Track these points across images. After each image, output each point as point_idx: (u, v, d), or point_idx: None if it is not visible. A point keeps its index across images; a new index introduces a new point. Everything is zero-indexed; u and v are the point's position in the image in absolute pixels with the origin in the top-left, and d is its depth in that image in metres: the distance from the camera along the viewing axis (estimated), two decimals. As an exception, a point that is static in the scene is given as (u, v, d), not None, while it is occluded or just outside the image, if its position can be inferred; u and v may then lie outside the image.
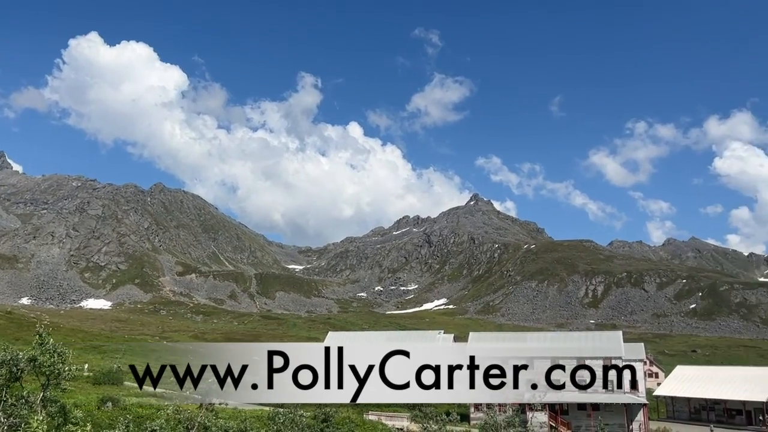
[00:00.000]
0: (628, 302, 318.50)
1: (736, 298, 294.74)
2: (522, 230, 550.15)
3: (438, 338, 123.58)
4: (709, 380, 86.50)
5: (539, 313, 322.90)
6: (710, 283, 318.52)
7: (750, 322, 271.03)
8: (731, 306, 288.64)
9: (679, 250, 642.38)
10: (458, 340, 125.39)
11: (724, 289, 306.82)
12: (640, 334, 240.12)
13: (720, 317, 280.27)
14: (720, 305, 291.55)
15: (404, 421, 58.68)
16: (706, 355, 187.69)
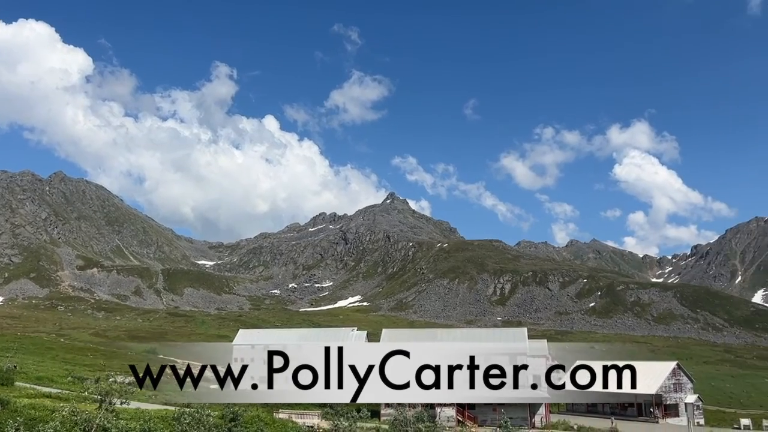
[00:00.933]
0: (533, 300, 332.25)
1: (631, 297, 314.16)
2: (436, 229, 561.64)
3: (351, 336, 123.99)
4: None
5: (450, 310, 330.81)
6: (608, 283, 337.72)
7: (643, 319, 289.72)
8: (626, 304, 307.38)
9: (581, 251, 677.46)
10: (371, 338, 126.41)
11: (621, 288, 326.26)
12: (543, 330, 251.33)
13: (616, 315, 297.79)
14: (616, 304, 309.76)
15: (315, 419, 58.39)
16: (602, 351, 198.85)
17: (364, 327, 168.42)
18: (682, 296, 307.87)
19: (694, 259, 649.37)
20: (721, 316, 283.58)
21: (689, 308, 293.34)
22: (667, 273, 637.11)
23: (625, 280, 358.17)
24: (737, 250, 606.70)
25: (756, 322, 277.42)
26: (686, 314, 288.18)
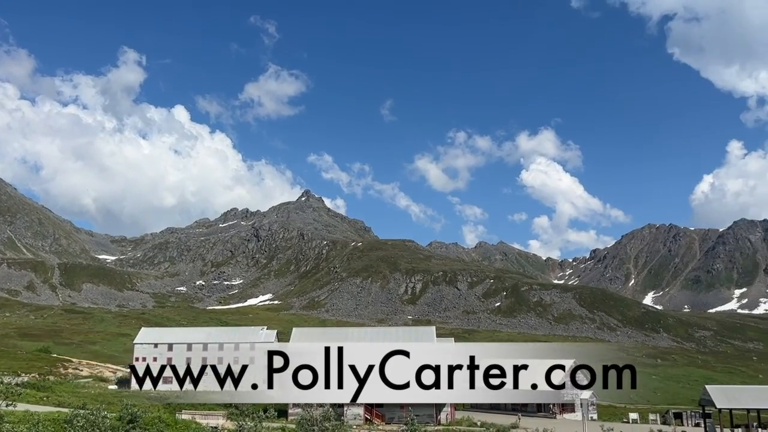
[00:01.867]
0: (442, 299, 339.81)
1: (534, 297, 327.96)
2: (350, 228, 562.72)
3: (261, 334, 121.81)
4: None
5: (362, 309, 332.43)
6: (513, 283, 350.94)
7: (544, 319, 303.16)
8: (530, 304, 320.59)
9: (489, 252, 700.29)
10: (281, 336, 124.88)
11: (525, 289, 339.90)
12: (451, 329, 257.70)
13: (520, 314, 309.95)
14: (520, 304, 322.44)
15: (219, 419, 56.88)
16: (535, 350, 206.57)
17: (275, 326, 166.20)
18: (580, 297, 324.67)
19: (592, 262, 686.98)
20: (616, 317, 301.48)
21: (587, 309, 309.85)
22: (568, 275, 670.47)
23: (529, 281, 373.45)
24: (631, 255, 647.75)
25: (646, 322, 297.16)
26: (584, 314, 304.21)
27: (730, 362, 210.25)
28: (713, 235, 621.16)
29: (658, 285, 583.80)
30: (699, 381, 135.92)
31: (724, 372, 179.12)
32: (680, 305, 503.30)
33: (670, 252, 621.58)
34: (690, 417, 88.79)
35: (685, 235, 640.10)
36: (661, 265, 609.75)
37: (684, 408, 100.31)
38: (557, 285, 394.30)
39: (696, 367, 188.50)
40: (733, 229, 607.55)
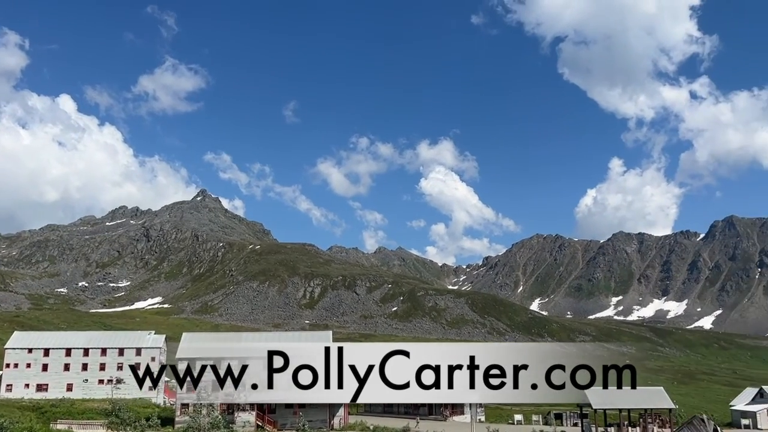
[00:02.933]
0: (341, 304, 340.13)
1: (429, 302, 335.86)
2: (248, 230, 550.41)
3: (147, 339, 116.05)
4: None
5: (258, 314, 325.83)
6: (410, 288, 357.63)
7: (438, 323, 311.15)
8: (425, 309, 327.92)
9: (388, 258, 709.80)
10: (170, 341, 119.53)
11: (421, 294, 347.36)
12: (348, 333, 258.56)
13: (415, 319, 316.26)
14: (416, 308, 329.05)
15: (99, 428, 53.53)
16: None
17: (164, 330, 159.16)
18: (473, 303, 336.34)
19: (485, 269, 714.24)
20: (505, 322, 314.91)
21: (478, 314, 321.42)
22: (462, 281, 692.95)
23: (425, 287, 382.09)
24: (521, 263, 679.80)
25: (532, 327, 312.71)
26: (476, 319, 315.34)
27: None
28: (594, 246, 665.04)
29: (544, 292, 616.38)
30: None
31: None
32: (564, 311, 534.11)
33: (555, 261, 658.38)
34: (569, 417, 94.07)
35: (569, 245, 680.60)
36: (547, 273, 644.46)
37: (564, 409, 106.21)
38: (451, 290, 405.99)
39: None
40: (612, 241, 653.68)
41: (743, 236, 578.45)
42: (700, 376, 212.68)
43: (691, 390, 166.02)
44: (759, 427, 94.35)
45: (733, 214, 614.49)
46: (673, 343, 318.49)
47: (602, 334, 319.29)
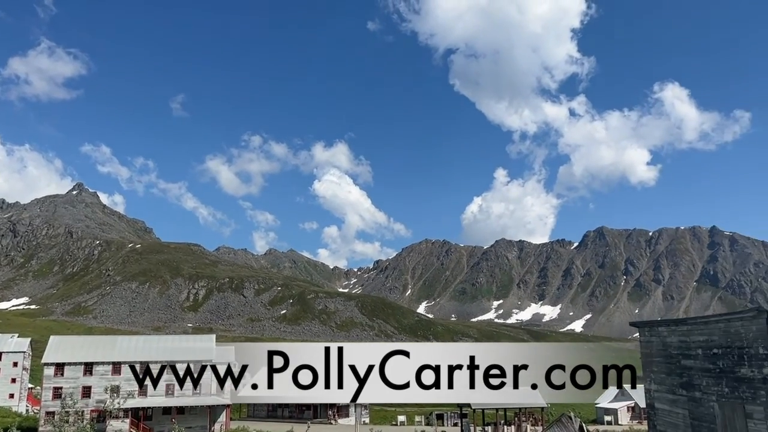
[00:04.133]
0: (227, 306, 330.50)
1: (319, 305, 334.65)
2: (129, 228, 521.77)
3: (10, 342, 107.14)
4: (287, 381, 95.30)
5: (137, 316, 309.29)
6: (300, 291, 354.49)
7: (328, 326, 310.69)
8: (315, 312, 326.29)
9: (279, 260, 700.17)
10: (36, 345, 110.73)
11: (311, 297, 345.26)
12: (234, 337, 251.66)
13: (305, 322, 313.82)
14: (306, 311, 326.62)
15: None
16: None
17: (30, 333, 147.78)
18: (362, 305, 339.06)
19: (375, 272, 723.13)
20: (393, 324, 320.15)
21: (368, 316, 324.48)
22: (353, 284, 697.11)
23: (316, 290, 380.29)
24: (409, 267, 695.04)
25: (418, 329, 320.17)
26: (365, 322, 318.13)
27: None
28: (479, 252, 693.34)
29: (431, 295, 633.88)
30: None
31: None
32: (449, 314, 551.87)
33: (442, 265, 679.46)
34: (450, 417, 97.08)
35: (455, 250, 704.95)
36: (434, 277, 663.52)
37: (446, 409, 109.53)
38: (342, 293, 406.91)
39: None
40: (495, 248, 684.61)
41: (612, 246, 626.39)
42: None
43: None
44: (620, 423, 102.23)
45: (604, 225, 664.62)
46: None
47: (483, 336, 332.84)
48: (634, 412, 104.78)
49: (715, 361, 25.56)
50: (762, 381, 22.58)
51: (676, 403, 28.91)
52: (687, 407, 27.88)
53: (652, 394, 31.45)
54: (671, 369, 29.35)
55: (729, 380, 24.61)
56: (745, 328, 23.66)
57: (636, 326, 33.37)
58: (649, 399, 31.82)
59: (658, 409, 30.76)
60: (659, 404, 30.68)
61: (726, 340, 24.79)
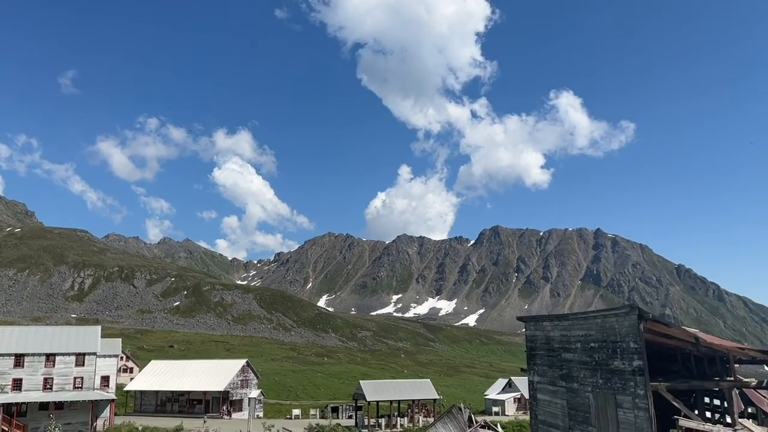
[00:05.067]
0: (115, 297, 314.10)
1: (216, 297, 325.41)
2: (7, 210, 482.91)
3: None
4: (177, 374, 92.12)
5: (13, 305, 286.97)
6: (196, 282, 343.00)
7: (224, 319, 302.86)
8: (210, 304, 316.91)
9: (173, 249, 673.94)
10: None
11: (207, 289, 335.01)
12: (122, 329, 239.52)
13: (199, 314, 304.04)
14: (201, 303, 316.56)
15: None
16: (181, 350, 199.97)
17: None
18: (261, 298, 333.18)
19: (276, 264, 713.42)
20: (292, 318, 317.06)
21: (266, 310, 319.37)
22: (252, 276, 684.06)
23: (212, 281, 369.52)
24: (311, 260, 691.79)
25: (318, 323, 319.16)
26: (263, 315, 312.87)
27: (383, 359, 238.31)
28: (380, 247, 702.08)
29: (332, 288, 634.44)
30: (357, 377, 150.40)
31: (378, 368, 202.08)
32: (349, 308, 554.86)
33: (345, 259, 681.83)
34: (345, 410, 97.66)
35: (358, 244, 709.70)
36: (336, 270, 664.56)
37: (342, 402, 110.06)
38: (240, 286, 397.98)
39: (356, 365, 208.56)
40: (396, 243, 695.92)
41: (505, 244, 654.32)
42: (463, 368, 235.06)
43: (455, 381, 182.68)
44: (507, 413, 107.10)
45: (499, 225, 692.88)
46: (442, 339, 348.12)
47: (382, 330, 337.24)
48: (520, 403, 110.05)
49: (592, 354, 27.32)
50: (631, 373, 24.40)
51: (556, 394, 30.64)
52: (566, 398, 29.63)
53: (534, 385, 33.15)
54: (553, 362, 31.07)
55: (603, 372, 26.40)
56: (618, 324, 25.46)
57: (523, 321, 35.03)
58: (531, 390, 33.53)
59: (540, 400, 32.48)
60: (541, 395, 32.40)
61: (602, 334, 26.57)
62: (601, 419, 26.43)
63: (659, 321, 25.84)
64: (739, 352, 29.35)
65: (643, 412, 23.67)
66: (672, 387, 26.50)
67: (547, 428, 31.55)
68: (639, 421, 23.87)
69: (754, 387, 29.01)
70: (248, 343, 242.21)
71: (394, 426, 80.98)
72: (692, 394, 32.95)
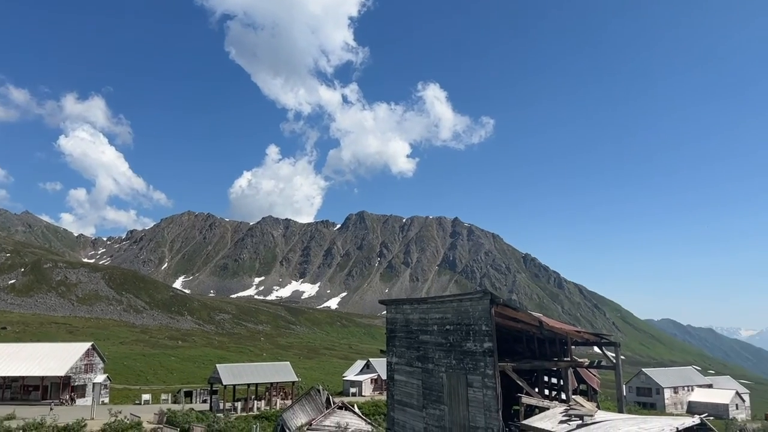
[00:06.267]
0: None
1: (58, 275, 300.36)
2: None
3: None
4: (9, 358, 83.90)
5: None
6: (35, 259, 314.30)
7: (67, 299, 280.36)
8: (52, 283, 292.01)
9: (9, 222, 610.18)
10: None
11: (48, 266, 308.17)
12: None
13: (38, 294, 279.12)
14: (41, 282, 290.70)
15: None
16: (16, 332, 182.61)
17: None
18: (110, 278, 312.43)
19: (128, 243, 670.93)
20: (144, 299, 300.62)
21: (115, 290, 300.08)
22: (100, 254, 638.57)
23: (55, 258, 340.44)
24: (168, 239, 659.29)
25: (173, 305, 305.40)
26: (111, 296, 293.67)
27: (242, 343, 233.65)
28: (244, 228, 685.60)
29: (189, 270, 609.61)
30: (213, 361, 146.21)
31: (236, 351, 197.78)
32: (207, 290, 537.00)
33: (205, 239, 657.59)
34: (199, 394, 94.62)
35: (220, 224, 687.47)
36: (195, 251, 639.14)
37: (196, 387, 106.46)
38: (86, 264, 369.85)
39: (213, 348, 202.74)
40: (261, 224, 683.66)
41: (370, 230, 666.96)
42: (323, 351, 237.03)
43: (315, 364, 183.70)
44: (364, 393, 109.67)
45: (365, 210, 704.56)
46: (303, 322, 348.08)
47: (242, 313, 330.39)
48: (376, 384, 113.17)
49: (447, 336, 28.56)
50: (482, 354, 25.82)
51: (412, 375, 31.73)
52: (421, 378, 30.78)
53: (393, 366, 34.09)
54: (411, 343, 32.11)
55: (456, 353, 27.70)
56: (472, 308, 26.79)
57: (384, 304, 35.81)
58: (390, 371, 34.46)
59: (397, 380, 33.48)
60: (398, 376, 33.39)
61: (457, 318, 27.83)
62: (453, 398, 27.75)
63: (509, 306, 27.53)
64: (575, 335, 32.15)
65: (491, 390, 25.14)
66: (517, 367, 28.43)
67: (402, 407, 32.61)
68: (487, 399, 25.34)
69: (587, 366, 31.94)
70: (94, 325, 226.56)
71: (250, 409, 79.85)
72: (534, 373, 35.61)
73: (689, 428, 20.04)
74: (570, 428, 22.13)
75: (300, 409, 49.20)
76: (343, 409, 49.08)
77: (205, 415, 69.75)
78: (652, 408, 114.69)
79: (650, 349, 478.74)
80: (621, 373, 30.68)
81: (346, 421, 47.03)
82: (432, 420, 29.47)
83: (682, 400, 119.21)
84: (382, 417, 65.40)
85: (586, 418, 22.90)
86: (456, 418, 27.42)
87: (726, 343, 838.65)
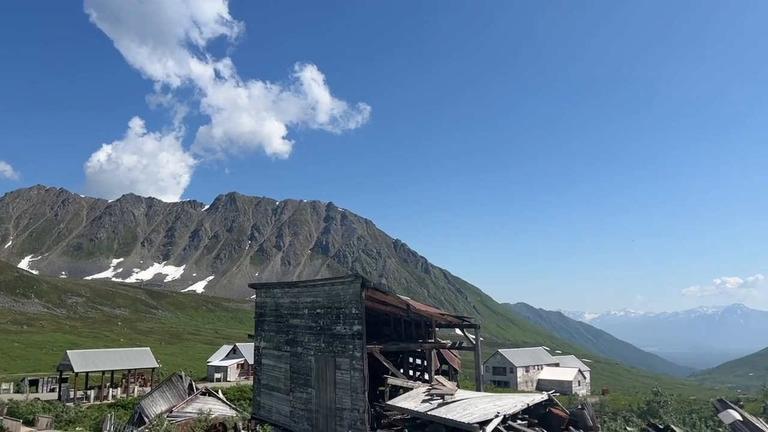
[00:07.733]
0: None
1: None
2: None
3: None
4: None
5: None
6: None
7: None
8: None
9: None
10: None
11: None
12: None
13: None
14: None
15: None
16: None
17: None
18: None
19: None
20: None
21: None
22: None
23: None
24: (14, 215, 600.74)
25: (18, 286, 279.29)
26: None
27: (97, 327, 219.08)
28: (102, 205, 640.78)
29: (38, 249, 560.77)
30: (63, 347, 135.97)
31: (90, 337, 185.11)
32: (58, 271, 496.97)
33: (56, 216, 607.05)
34: (47, 383, 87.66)
35: (75, 201, 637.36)
36: (45, 228, 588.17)
37: (43, 375, 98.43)
38: None
39: (63, 333, 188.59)
40: (121, 202, 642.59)
41: (241, 211, 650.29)
42: (187, 336, 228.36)
43: (177, 350, 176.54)
44: (229, 379, 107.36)
45: (236, 191, 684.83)
46: (166, 306, 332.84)
47: (97, 296, 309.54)
48: (243, 369, 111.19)
49: (317, 320, 28.62)
50: (351, 337, 26.17)
51: (280, 359, 31.50)
52: (289, 361, 30.65)
53: (260, 350, 33.63)
54: (280, 327, 31.83)
55: (326, 336, 27.85)
56: (344, 292, 27.03)
57: (254, 288, 35.13)
58: (257, 355, 33.96)
59: (265, 365, 33.08)
60: (266, 360, 33.00)
61: (328, 301, 27.96)
62: (320, 380, 27.91)
63: (379, 289, 28.07)
64: (439, 318, 33.53)
65: (358, 372, 25.57)
66: (384, 349, 29.15)
67: (269, 392, 32.29)
68: (354, 380, 25.74)
69: (449, 348, 33.46)
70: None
71: (105, 397, 75.38)
72: (400, 354, 36.72)
73: (539, 404, 21.66)
74: (431, 407, 23.07)
75: (160, 396, 47.17)
76: (206, 395, 47.79)
77: (53, 404, 64.89)
78: (506, 386, 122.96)
79: (506, 330, 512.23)
80: (480, 353, 32.46)
81: (210, 407, 45.85)
82: (299, 403, 29.48)
83: (533, 378, 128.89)
84: (247, 402, 64.47)
85: (447, 397, 24.00)
86: (323, 400, 27.62)
87: (572, 326, 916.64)
